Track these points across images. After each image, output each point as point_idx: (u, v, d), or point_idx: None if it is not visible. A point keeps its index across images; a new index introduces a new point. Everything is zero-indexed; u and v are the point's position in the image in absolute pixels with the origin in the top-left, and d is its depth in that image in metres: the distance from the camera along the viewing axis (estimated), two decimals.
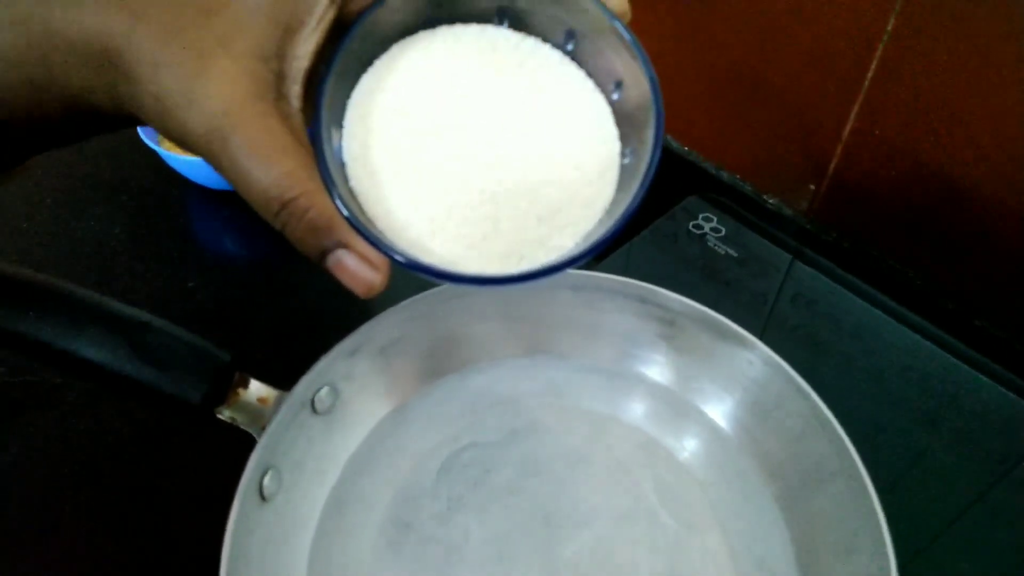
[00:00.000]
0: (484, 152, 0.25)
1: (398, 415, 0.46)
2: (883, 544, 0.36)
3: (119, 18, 0.24)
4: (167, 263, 0.60)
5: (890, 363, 0.54)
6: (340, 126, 0.25)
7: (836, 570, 0.38)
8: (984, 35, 0.47)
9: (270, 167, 0.25)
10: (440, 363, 0.47)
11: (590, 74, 0.26)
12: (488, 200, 0.25)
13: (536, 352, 0.48)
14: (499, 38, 0.26)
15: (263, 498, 0.38)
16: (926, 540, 0.45)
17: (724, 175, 0.68)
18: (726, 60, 0.61)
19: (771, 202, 0.66)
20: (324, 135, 0.24)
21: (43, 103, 0.26)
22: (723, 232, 0.62)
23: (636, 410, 0.47)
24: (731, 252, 0.60)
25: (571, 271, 0.46)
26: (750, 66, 0.60)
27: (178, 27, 0.25)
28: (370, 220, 0.25)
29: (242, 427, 0.39)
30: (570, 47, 0.26)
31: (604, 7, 0.25)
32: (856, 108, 0.55)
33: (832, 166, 0.60)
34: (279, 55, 0.25)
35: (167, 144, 0.63)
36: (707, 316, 0.44)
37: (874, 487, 0.38)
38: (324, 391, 0.42)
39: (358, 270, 0.26)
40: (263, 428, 0.39)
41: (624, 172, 0.26)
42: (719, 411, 0.46)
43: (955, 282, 0.58)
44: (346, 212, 0.23)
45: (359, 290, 0.26)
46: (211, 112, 0.24)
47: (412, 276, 0.28)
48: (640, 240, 0.61)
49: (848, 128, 0.57)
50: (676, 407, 0.47)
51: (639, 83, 0.25)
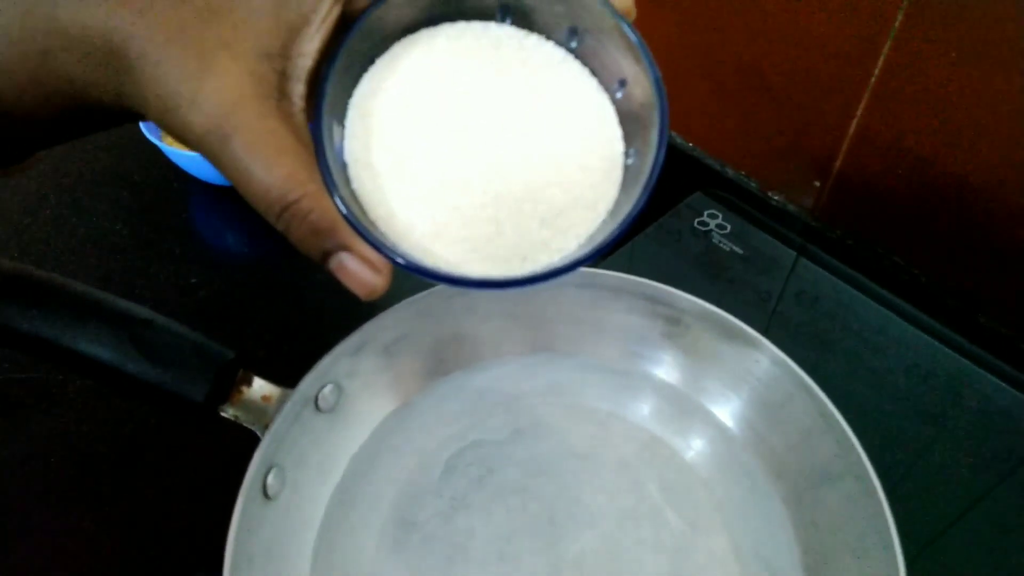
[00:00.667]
0: (487, 153, 0.25)
1: (402, 413, 0.46)
2: (891, 545, 0.36)
3: (123, 16, 0.24)
4: (170, 259, 0.60)
5: (895, 361, 0.54)
6: (342, 126, 0.25)
7: (843, 571, 0.38)
8: (990, 32, 0.47)
9: (272, 168, 0.24)
10: (444, 361, 0.47)
11: (594, 72, 0.26)
12: (491, 202, 0.25)
13: (540, 350, 0.48)
14: (502, 36, 0.26)
15: (267, 496, 0.38)
16: (932, 538, 0.45)
17: (729, 172, 0.68)
18: (731, 56, 0.61)
19: (776, 199, 0.66)
20: (326, 135, 0.24)
21: (48, 98, 0.26)
22: (728, 229, 0.62)
23: (641, 409, 0.46)
24: (736, 249, 0.60)
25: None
26: (755, 63, 0.60)
27: (182, 26, 0.25)
28: (372, 222, 0.24)
29: (245, 425, 0.39)
30: (573, 45, 0.26)
31: (608, 4, 0.24)
32: (862, 105, 0.55)
33: (837, 163, 0.60)
34: (283, 54, 0.25)
35: (170, 140, 0.63)
36: (713, 314, 0.44)
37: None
38: (328, 389, 0.42)
39: (359, 273, 0.26)
40: (266, 426, 0.39)
41: (628, 173, 0.26)
42: (725, 410, 0.46)
43: (960, 279, 0.58)
44: (347, 214, 0.23)
45: (360, 292, 0.26)
46: (213, 111, 0.24)
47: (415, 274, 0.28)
48: (644, 237, 0.61)
49: (854, 125, 0.57)
50: (681, 406, 0.46)
51: (643, 82, 0.24)
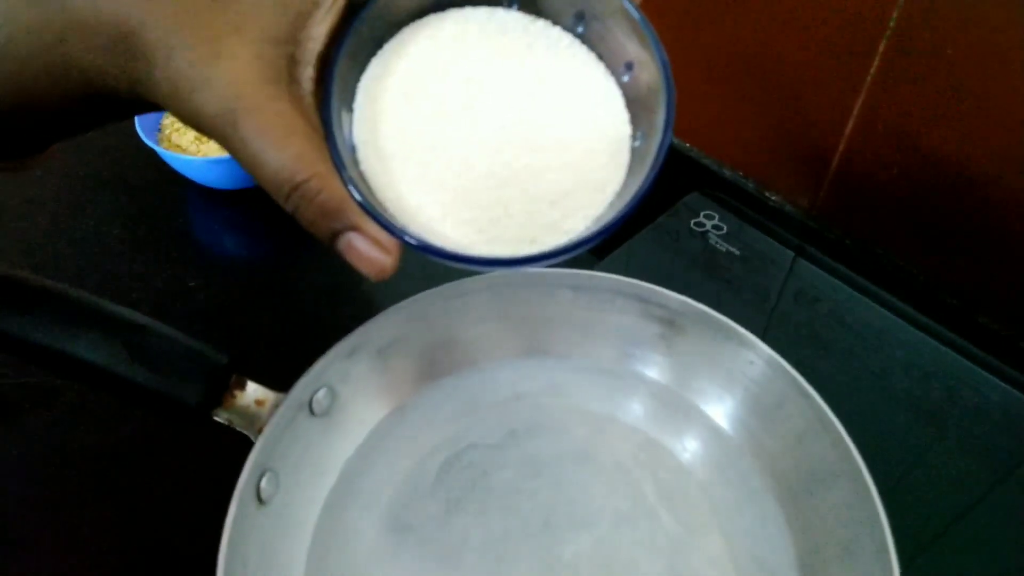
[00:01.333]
0: (494, 135, 0.25)
1: (396, 416, 0.46)
2: (885, 546, 0.35)
3: (135, 2, 0.25)
4: (167, 263, 0.60)
5: (893, 361, 0.54)
6: (351, 109, 0.25)
7: (837, 572, 0.38)
8: (989, 28, 0.46)
9: (281, 149, 0.25)
10: (438, 364, 0.47)
11: (600, 57, 0.26)
12: (499, 184, 0.25)
13: (535, 352, 0.48)
14: (508, 21, 0.26)
15: (260, 501, 0.38)
16: (929, 539, 0.45)
17: (726, 172, 0.68)
18: (728, 56, 0.61)
19: (773, 199, 0.66)
20: (335, 118, 0.24)
21: (62, 86, 0.26)
22: (725, 230, 0.61)
23: (636, 410, 0.46)
24: (733, 250, 0.60)
25: (571, 270, 0.46)
26: (752, 61, 0.60)
27: (193, 12, 0.25)
28: (381, 203, 0.25)
29: (239, 429, 0.39)
30: (580, 29, 0.26)
31: None
32: (859, 103, 0.55)
33: (835, 163, 0.60)
34: (292, 39, 0.26)
35: (167, 143, 0.63)
36: (707, 315, 0.44)
37: (876, 486, 0.37)
38: (322, 393, 0.42)
39: (369, 252, 0.26)
40: (260, 430, 0.39)
41: (635, 155, 0.26)
42: (720, 411, 0.46)
43: (959, 279, 0.58)
44: (357, 195, 0.23)
45: (370, 272, 0.26)
46: (224, 95, 0.25)
47: (410, 276, 0.27)
48: (641, 238, 0.60)
49: (851, 124, 0.57)
50: (677, 407, 0.46)
51: (650, 65, 0.25)
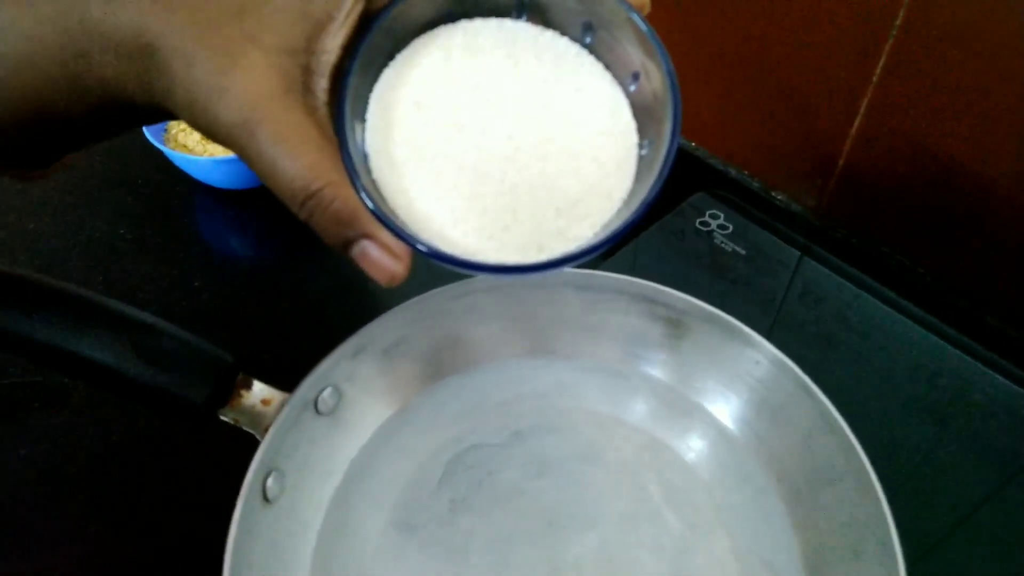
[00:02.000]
0: (503, 145, 0.26)
1: (401, 416, 0.46)
2: (891, 547, 0.35)
3: (153, 13, 0.25)
4: (173, 263, 0.60)
5: (900, 361, 0.54)
6: (363, 119, 0.26)
7: (843, 572, 0.38)
8: (993, 27, 0.46)
9: (296, 158, 0.25)
10: (443, 364, 0.47)
11: (608, 67, 0.27)
12: (508, 192, 0.26)
13: (540, 352, 0.48)
14: (518, 32, 0.27)
15: (266, 500, 0.38)
16: (935, 540, 0.44)
17: (732, 171, 0.68)
18: (734, 55, 0.61)
19: (779, 198, 0.66)
20: (348, 128, 0.25)
21: (81, 96, 0.27)
22: (730, 229, 0.61)
23: (641, 411, 0.46)
24: (738, 249, 0.60)
25: (575, 270, 0.46)
26: (758, 61, 0.59)
27: (211, 23, 0.26)
28: (393, 211, 0.25)
29: (245, 429, 0.39)
30: (588, 40, 0.27)
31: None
32: (866, 102, 0.55)
33: (841, 161, 0.59)
34: (307, 50, 0.26)
35: (173, 143, 0.63)
36: (713, 315, 0.44)
37: (883, 487, 0.37)
38: (327, 392, 0.42)
39: (381, 260, 0.27)
40: (266, 430, 0.39)
41: (642, 163, 0.26)
42: (725, 411, 0.46)
43: (966, 278, 0.58)
44: (370, 203, 0.24)
45: (382, 279, 0.27)
46: (240, 105, 0.25)
47: (415, 277, 0.28)
48: (646, 237, 0.60)
49: (857, 123, 0.56)
50: (682, 407, 0.46)
51: (656, 75, 0.25)
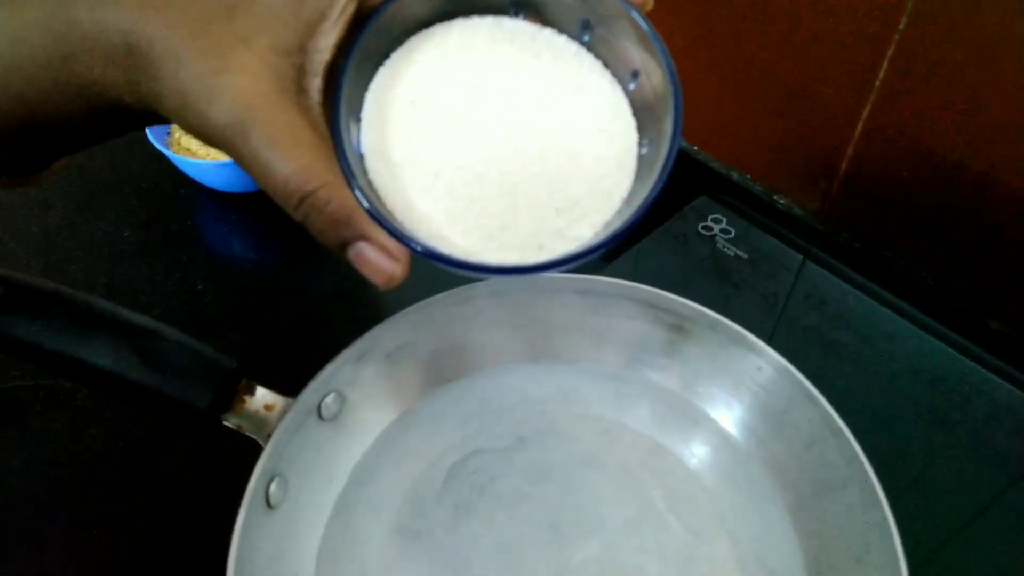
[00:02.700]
0: (501, 144, 0.25)
1: (404, 421, 0.46)
2: (895, 553, 0.35)
3: (142, 16, 0.25)
4: (176, 266, 0.60)
5: (902, 365, 0.53)
6: (359, 119, 0.26)
7: None
8: (997, 30, 0.46)
9: (290, 160, 0.25)
10: (446, 369, 0.47)
11: (607, 65, 0.26)
12: (506, 192, 0.25)
13: (543, 357, 0.48)
14: (515, 30, 0.26)
15: (269, 505, 0.38)
16: (938, 544, 0.44)
17: (734, 175, 0.68)
18: (736, 59, 0.61)
19: (781, 202, 0.66)
20: (343, 128, 0.24)
21: (69, 100, 0.27)
22: (733, 233, 0.61)
23: (644, 416, 0.46)
24: (741, 253, 0.60)
25: (578, 275, 0.46)
26: (760, 65, 0.59)
27: (201, 24, 0.25)
28: (389, 212, 0.25)
29: (248, 434, 0.39)
30: (586, 38, 0.26)
31: None
32: (868, 106, 0.55)
33: (844, 165, 0.59)
34: (300, 49, 0.26)
35: (176, 147, 0.63)
36: (716, 321, 0.44)
37: (886, 491, 0.37)
38: (330, 397, 0.42)
39: (378, 261, 0.26)
40: (269, 435, 0.39)
41: (642, 163, 0.26)
42: (728, 417, 0.46)
43: (969, 283, 0.57)
44: (366, 204, 0.24)
45: (379, 281, 0.26)
46: (232, 106, 0.25)
47: (418, 282, 0.28)
48: (649, 241, 0.60)
49: (860, 127, 0.56)
50: (685, 413, 0.46)
51: (657, 73, 0.25)
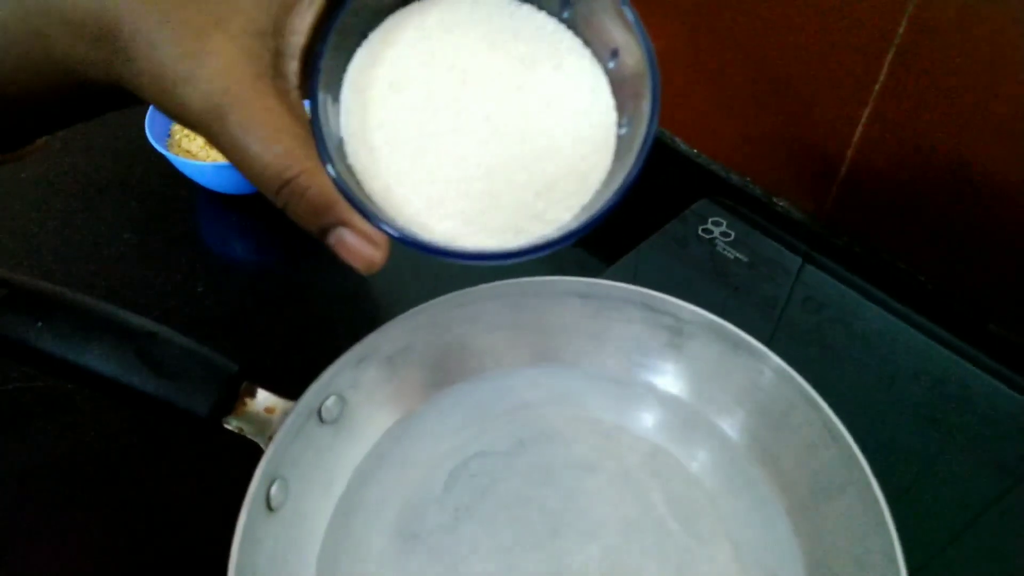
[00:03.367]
0: (480, 126, 0.25)
1: (405, 424, 0.46)
2: (895, 557, 0.35)
3: None
4: (176, 268, 0.60)
5: (902, 368, 0.53)
6: (337, 101, 0.25)
7: None
8: (1000, 30, 0.46)
9: (269, 146, 0.25)
10: (447, 372, 0.47)
11: (586, 43, 0.26)
12: (485, 175, 0.25)
13: (543, 361, 0.48)
14: (493, 8, 0.26)
15: (270, 508, 0.38)
16: (937, 548, 0.44)
17: (734, 178, 0.68)
18: (735, 62, 0.61)
19: (781, 205, 0.66)
20: (321, 111, 0.24)
21: (43, 79, 0.26)
22: (732, 236, 0.61)
23: (645, 420, 0.46)
24: (740, 256, 0.60)
25: (578, 278, 0.46)
26: (760, 68, 0.59)
27: (174, 5, 0.25)
28: (368, 197, 0.25)
29: (249, 437, 0.39)
30: (566, 15, 0.26)
31: None
32: (868, 109, 0.55)
33: (843, 168, 0.59)
34: (276, 32, 0.25)
35: (176, 148, 0.63)
36: (716, 325, 0.44)
37: (885, 495, 0.37)
38: (331, 400, 0.42)
39: (358, 247, 0.26)
40: (270, 438, 0.39)
41: (621, 143, 0.26)
42: (729, 421, 0.46)
43: (968, 286, 0.58)
44: (343, 189, 0.23)
45: (359, 266, 0.26)
46: (209, 91, 0.25)
47: (419, 284, 0.27)
48: (648, 244, 0.60)
49: (860, 130, 0.56)
50: (685, 417, 0.46)
51: (635, 51, 0.24)
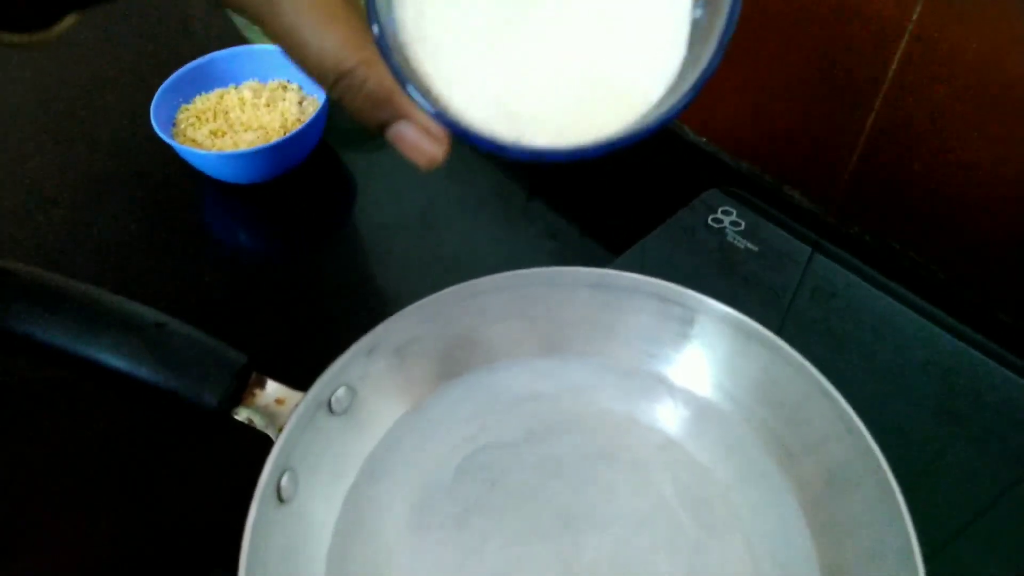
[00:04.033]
0: (551, 13, 0.24)
1: (415, 415, 0.46)
2: (910, 548, 0.35)
3: None
4: (183, 259, 0.60)
5: (911, 358, 0.53)
6: None
7: (861, 575, 0.38)
8: (1015, 21, 0.46)
9: (324, 34, 0.24)
10: (457, 363, 0.47)
11: None
12: (553, 68, 0.24)
13: (553, 352, 0.48)
14: None
15: (281, 500, 0.38)
16: (949, 538, 0.44)
17: (744, 167, 0.67)
18: (746, 49, 0.60)
19: (791, 195, 0.66)
20: (380, 2, 0.23)
21: None
22: (742, 226, 0.61)
23: (656, 411, 0.46)
24: (751, 246, 0.60)
25: (588, 268, 0.46)
26: (770, 55, 0.59)
27: None
28: (428, 91, 0.23)
29: (259, 428, 0.39)
30: None
31: None
32: (880, 97, 0.54)
33: (854, 158, 0.59)
34: None
35: (182, 138, 0.63)
36: (729, 315, 0.44)
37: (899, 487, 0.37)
38: (341, 391, 0.42)
39: (419, 142, 0.25)
40: (280, 429, 0.39)
41: (695, 29, 0.24)
42: (741, 412, 0.45)
43: (979, 275, 0.57)
44: (407, 84, 0.22)
45: (420, 162, 0.26)
46: None
47: (429, 275, 0.27)
48: (658, 234, 0.60)
49: (871, 120, 0.56)
50: (696, 408, 0.46)
51: None
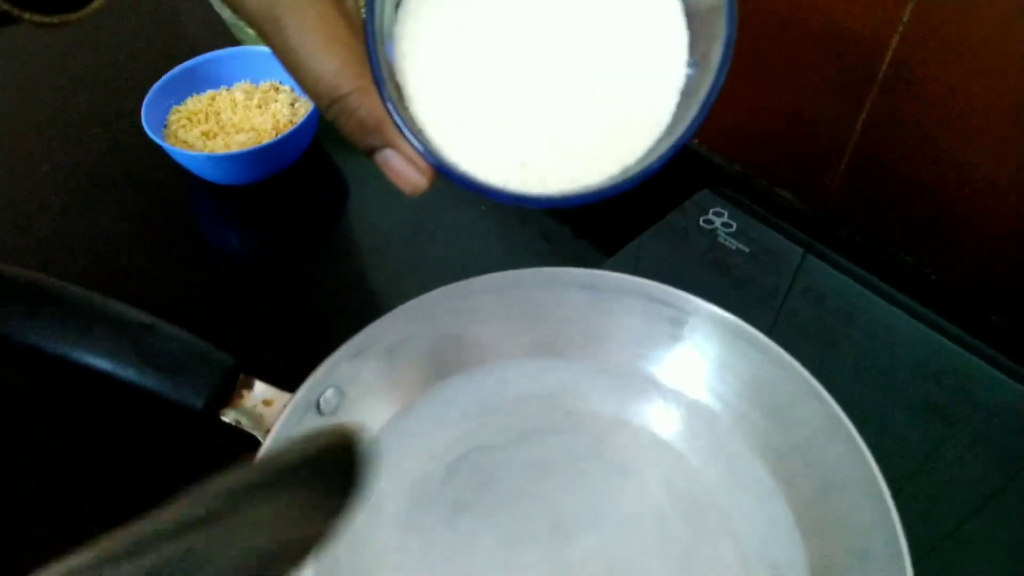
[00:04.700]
0: (543, 60, 0.24)
1: (404, 417, 0.45)
2: (899, 550, 0.35)
3: None
4: (173, 260, 0.60)
5: (903, 359, 0.53)
6: (396, 23, 0.24)
7: None
8: (1002, 25, 0.46)
9: (324, 58, 0.25)
10: (446, 364, 0.47)
11: None
12: (541, 114, 0.24)
13: (543, 353, 0.48)
14: None
15: None
16: (938, 539, 0.44)
17: (735, 168, 0.67)
18: (738, 52, 0.60)
19: (783, 196, 0.66)
20: (377, 31, 0.23)
21: None
22: (734, 227, 0.61)
23: (646, 412, 0.46)
24: (742, 247, 0.60)
25: (579, 269, 0.46)
26: (761, 57, 0.59)
27: None
28: (420, 128, 0.24)
29: (246, 430, 0.39)
30: None
31: None
32: (870, 99, 0.55)
33: (845, 160, 0.59)
34: None
35: (173, 139, 0.63)
36: (719, 316, 0.44)
37: (889, 489, 0.37)
38: (329, 393, 0.42)
39: (404, 171, 0.26)
40: (268, 431, 0.39)
41: (687, 83, 0.25)
42: (731, 414, 0.45)
43: (970, 277, 0.57)
44: (396, 118, 0.23)
45: (404, 189, 0.27)
46: None
47: (419, 276, 0.27)
48: (650, 236, 0.60)
49: (862, 121, 0.56)
50: (687, 409, 0.46)
51: None
